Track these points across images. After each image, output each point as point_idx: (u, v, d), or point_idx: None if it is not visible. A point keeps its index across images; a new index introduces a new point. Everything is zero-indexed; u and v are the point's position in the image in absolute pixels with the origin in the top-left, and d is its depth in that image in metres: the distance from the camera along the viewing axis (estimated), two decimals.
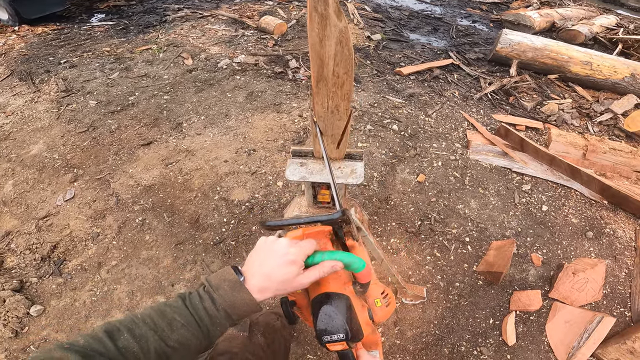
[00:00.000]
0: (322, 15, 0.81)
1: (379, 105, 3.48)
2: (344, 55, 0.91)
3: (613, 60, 4.08)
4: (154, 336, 0.59)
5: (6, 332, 1.80)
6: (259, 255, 0.70)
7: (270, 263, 0.67)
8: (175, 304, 0.63)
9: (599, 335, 1.79)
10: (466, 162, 2.89)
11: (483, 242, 2.30)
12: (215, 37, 4.67)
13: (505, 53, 4.25)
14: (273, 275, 0.66)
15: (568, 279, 1.98)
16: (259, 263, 0.68)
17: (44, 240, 2.24)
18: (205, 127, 3.13)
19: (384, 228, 2.40)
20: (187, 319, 0.62)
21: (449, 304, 1.99)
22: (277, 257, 0.67)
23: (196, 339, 0.62)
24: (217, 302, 0.63)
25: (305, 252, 0.68)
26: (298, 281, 0.67)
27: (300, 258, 0.67)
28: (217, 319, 0.63)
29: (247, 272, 0.68)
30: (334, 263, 0.68)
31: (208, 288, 0.65)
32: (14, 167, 2.72)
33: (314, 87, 1.00)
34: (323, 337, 0.66)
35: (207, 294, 0.64)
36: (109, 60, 4.10)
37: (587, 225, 2.45)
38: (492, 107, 3.64)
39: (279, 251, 0.68)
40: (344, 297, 0.70)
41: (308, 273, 0.68)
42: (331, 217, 0.66)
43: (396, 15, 5.75)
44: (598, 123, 3.56)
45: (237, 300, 0.64)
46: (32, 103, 3.40)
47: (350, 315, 0.68)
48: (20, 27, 5.00)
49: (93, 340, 0.55)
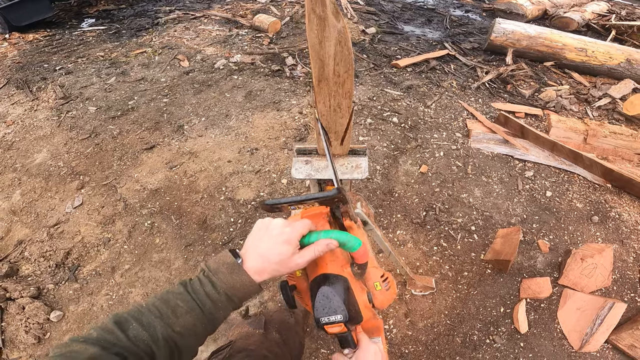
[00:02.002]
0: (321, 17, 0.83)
1: (378, 99, 3.49)
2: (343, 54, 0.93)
3: (607, 47, 4.09)
4: (160, 323, 0.60)
5: (29, 338, 1.83)
6: (256, 236, 0.70)
7: (265, 244, 0.67)
8: (178, 291, 0.64)
9: (612, 321, 1.81)
10: (468, 151, 2.91)
11: (489, 230, 2.33)
12: (210, 37, 4.65)
13: (500, 42, 4.26)
14: (269, 256, 0.66)
15: (577, 265, 2.01)
16: (255, 244, 0.69)
17: (56, 248, 2.26)
18: (206, 128, 3.14)
19: (389, 220, 2.42)
20: (190, 304, 0.63)
21: (459, 294, 2.02)
22: (271, 237, 0.67)
23: (201, 324, 0.63)
24: (218, 285, 0.64)
25: (299, 231, 0.68)
26: (294, 261, 0.66)
27: (294, 237, 0.67)
28: (219, 302, 0.64)
29: (245, 254, 0.68)
30: (329, 241, 0.68)
31: (207, 272, 0.66)
32: (20, 177, 2.73)
33: (316, 86, 1.02)
34: (321, 318, 0.66)
35: (207, 279, 0.65)
36: (104, 65, 4.09)
37: (592, 209, 2.48)
38: (491, 96, 3.65)
39: (273, 231, 0.68)
40: (341, 278, 0.70)
41: (303, 252, 0.68)
42: (327, 195, 0.66)
43: (389, 8, 5.74)
44: (597, 108, 3.59)
45: (236, 283, 0.65)
46: (32, 111, 3.39)
47: (349, 297, 0.68)
48: (11, 34, 4.98)
49: (105, 332, 0.57)
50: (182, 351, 0.62)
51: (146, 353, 0.57)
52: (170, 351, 0.60)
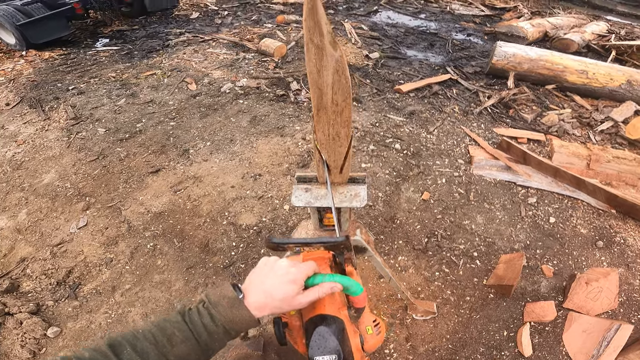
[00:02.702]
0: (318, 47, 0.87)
1: (381, 125, 3.55)
2: (341, 83, 0.96)
3: (608, 68, 4.14)
4: (154, 351, 0.61)
5: (24, 353, 1.84)
6: (260, 273, 0.72)
7: (271, 281, 0.69)
8: (175, 319, 0.65)
9: (619, 342, 1.79)
10: (470, 178, 2.92)
11: (492, 256, 2.30)
12: (217, 60, 4.81)
13: (501, 65, 4.34)
14: (273, 293, 0.68)
15: (581, 289, 1.99)
16: (260, 281, 0.71)
17: (59, 266, 2.28)
18: (211, 153, 3.20)
19: (391, 246, 2.42)
20: (186, 334, 0.64)
21: (461, 318, 1.99)
22: (278, 276, 0.69)
23: (195, 354, 0.64)
24: (216, 318, 0.66)
25: (305, 272, 0.71)
26: (297, 300, 0.69)
27: (300, 277, 0.70)
28: (216, 334, 0.66)
29: (247, 289, 0.70)
30: (333, 284, 0.71)
31: (207, 304, 0.68)
32: (27, 196, 2.79)
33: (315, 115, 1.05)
34: (315, 357, 0.68)
35: (206, 310, 0.67)
36: (115, 86, 4.22)
37: (597, 235, 2.45)
38: (493, 121, 3.69)
39: (280, 270, 0.70)
40: (338, 320, 0.72)
41: (307, 293, 0.70)
42: (335, 241, 0.69)
43: (393, 33, 5.90)
44: (599, 132, 3.60)
45: (235, 317, 0.66)
46: (43, 131, 3.49)
47: (343, 339, 0.70)
48: (28, 51, 5.17)
49: (98, 354, 0.57)
50: None
51: None
52: None
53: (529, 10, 7.09)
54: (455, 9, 7.08)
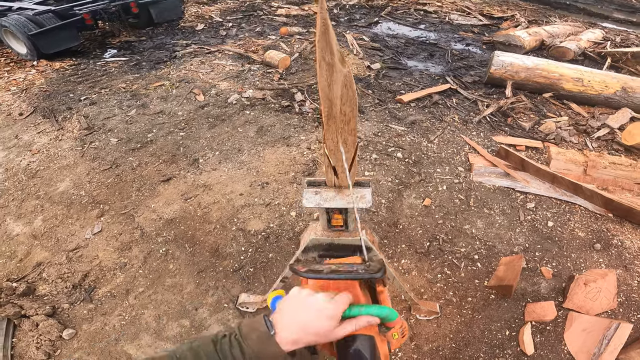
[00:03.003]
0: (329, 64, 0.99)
1: (383, 134, 3.66)
2: (349, 96, 1.08)
3: (603, 75, 4.25)
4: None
5: (39, 354, 1.92)
6: (293, 307, 0.73)
7: (306, 316, 0.70)
8: (208, 348, 0.68)
9: (619, 340, 1.86)
10: (470, 185, 3.01)
11: (492, 258, 2.39)
12: (224, 72, 4.96)
13: (499, 75, 4.47)
14: (309, 328, 0.69)
15: (580, 290, 2.07)
16: (293, 315, 0.71)
17: (74, 270, 2.38)
18: (220, 162, 3.31)
19: (394, 250, 2.50)
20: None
21: (464, 318, 2.07)
22: (313, 311, 0.70)
23: None
24: (246, 352, 0.67)
25: (342, 307, 0.71)
26: (334, 334, 0.70)
27: (338, 313, 0.70)
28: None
29: (279, 323, 0.70)
30: (371, 319, 0.72)
31: (238, 336, 0.69)
32: (43, 204, 2.90)
33: (325, 124, 1.17)
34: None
35: (237, 342, 0.68)
36: (125, 96, 4.37)
37: (595, 238, 2.54)
38: (492, 129, 3.80)
39: (316, 305, 0.70)
40: (370, 338, 0.75)
41: (344, 326, 0.71)
42: (373, 276, 0.70)
43: (393, 44, 6.06)
44: (596, 139, 3.70)
45: (264, 352, 0.68)
46: (57, 141, 3.62)
47: (375, 355, 0.75)
48: (39, 61, 5.32)
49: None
50: None
51: None
52: None
53: (526, 19, 7.26)
54: (454, 19, 7.27)
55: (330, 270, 0.72)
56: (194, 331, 2.05)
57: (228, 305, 2.17)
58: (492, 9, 7.86)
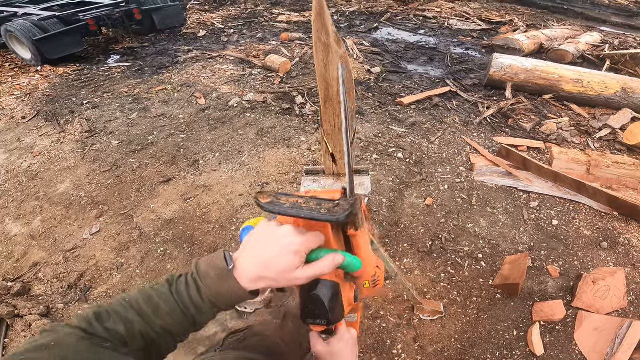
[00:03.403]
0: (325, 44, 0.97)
1: (383, 135, 3.65)
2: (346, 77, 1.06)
3: (602, 76, 4.25)
4: (140, 321, 0.59)
5: None
6: (259, 240, 0.64)
7: (270, 251, 0.61)
8: (162, 290, 0.62)
9: (632, 339, 1.80)
10: (472, 184, 2.98)
11: (496, 257, 2.35)
12: (225, 76, 4.98)
13: (499, 77, 4.47)
14: (271, 265, 0.60)
15: (589, 288, 2.02)
16: (258, 250, 0.63)
17: (71, 270, 2.35)
18: (220, 163, 3.30)
19: (396, 249, 2.46)
20: (172, 306, 0.60)
21: (469, 318, 2.02)
22: (278, 246, 0.61)
23: (181, 326, 0.61)
24: (203, 291, 0.60)
25: (311, 245, 0.62)
26: (295, 275, 0.61)
27: (304, 250, 0.61)
28: (203, 308, 0.61)
29: (241, 259, 0.63)
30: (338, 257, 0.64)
31: (195, 275, 0.62)
32: (42, 205, 2.88)
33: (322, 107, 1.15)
34: (307, 319, 0.69)
35: (193, 281, 0.61)
36: (127, 100, 4.38)
37: (601, 236, 2.50)
38: (493, 131, 3.78)
39: (283, 239, 0.61)
40: (333, 284, 0.68)
41: (307, 268, 0.62)
42: (336, 220, 0.59)
43: (393, 48, 6.10)
44: (598, 139, 3.68)
45: (223, 290, 0.61)
46: (58, 144, 3.62)
47: (336, 304, 0.68)
48: (43, 67, 5.35)
49: (84, 321, 0.57)
50: (159, 346, 0.62)
51: (121, 342, 0.59)
52: (147, 345, 0.60)
53: (524, 23, 7.31)
54: (453, 24, 7.32)
55: (292, 205, 0.62)
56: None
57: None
58: (491, 14, 7.93)
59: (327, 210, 0.59)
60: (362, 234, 0.69)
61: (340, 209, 0.59)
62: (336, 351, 0.76)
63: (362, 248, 0.71)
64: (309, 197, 0.64)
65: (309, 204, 0.61)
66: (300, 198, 0.63)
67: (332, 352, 0.76)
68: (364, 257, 0.71)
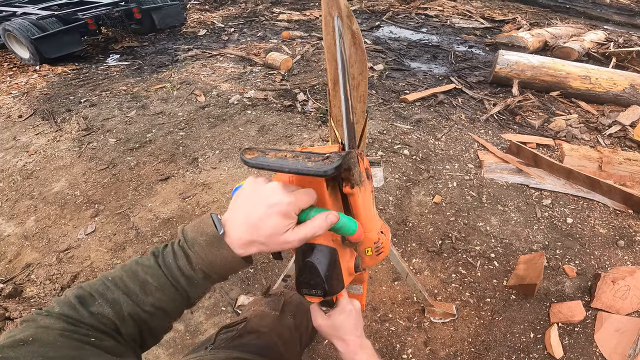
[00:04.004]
0: None
1: (388, 132, 3.55)
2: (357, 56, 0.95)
3: (610, 73, 4.17)
4: (127, 301, 0.52)
5: None
6: (246, 201, 0.57)
7: (257, 212, 0.54)
8: (148, 263, 0.55)
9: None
10: (481, 181, 2.88)
11: (510, 257, 2.24)
12: (225, 74, 4.90)
13: (505, 74, 4.38)
14: (259, 227, 0.54)
15: (608, 288, 1.92)
16: (246, 212, 0.55)
17: (64, 271, 2.25)
18: (220, 161, 3.20)
19: (404, 249, 2.36)
20: (161, 280, 0.54)
21: (483, 321, 1.91)
22: (267, 206, 0.54)
23: (173, 302, 0.55)
24: (193, 260, 0.54)
25: (300, 204, 0.55)
26: (285, 238, 0.54)
27: (293, 209, 0.54)
28: (195, 279, 0.55)
29: (229, 222, 0.56)
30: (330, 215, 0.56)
31: (183, 243, 0.55)
32: (36, 204, 2.78)
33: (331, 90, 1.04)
34: (302, 289, 0.63)
35: (181, 250, 0.55)
36: (126, 98, 4.29)
37: (617, 234, 2.39)
38: (500, 128, 3.69)
39: (270, 198, 0.54)
40: (329, 250, 0.62)
41: (298, 230, 0.55)
42: (323, 172, 0.51)
43: (396, 46, 6.01)
44: (608, 136, 3.58)
45: (215, 258, 0.54)
46: (55, 142, 3.53)
47: (333, 272, 0.62)
48: (42, 66, 5.27)
49: (67, 307, 0.50)
50: (152, 327, 0.56)
51: (110, 328, 0.52)
52: (139, 328, 0.54)
53: (527, 21, 7.23)
54: (456, 22, 7.24)
55: (277, 159, 0.54)
56: (189, 336, 1.90)
57: (226, 309, 2.02)
58: (493, 12, 7.85)
59: (314, 163, 0.52)
60: (360, 192, 0.60)
61: (329, 162, 0.51)
62: (338, 324, 0.70)
63: (360, 209, 0.62)
64: (299, 151, 0.56)
65: (297, 158, 0.54)
66: (289, 152, 0.55)
67: (334, 326, 0.70)
68: (364, 220, 0.63)
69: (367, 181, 0.64)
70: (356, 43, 0.94)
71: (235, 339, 0.95)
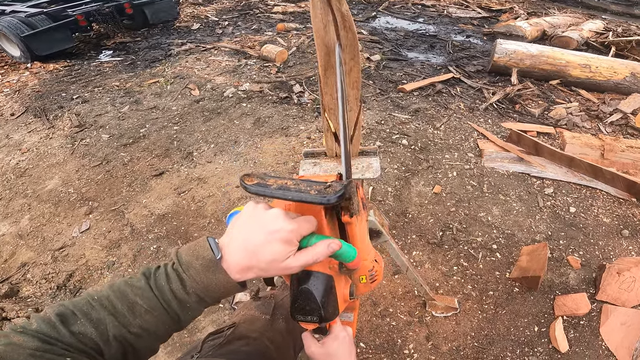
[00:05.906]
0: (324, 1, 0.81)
1: (386, 122, 3.49)
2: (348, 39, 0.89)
3: (610, 61, 4.11)
4: (113, 322, 0.51)
5: None
6: (246, 226, 0.56)
7: (257, 238, 0.54)
8: (138, 285, 0.53)
9: None
10: (482, 170, 2.84)
11: (512, 248, 2.20)
12: (220, 67, 4.81)
13: (503, 62, 4.31)
14: (259, 254, 0.54)
15: (613, 280, 1.88)
16: (244, 237, 0.55)
17: (59, 270, 2.21)
18: (215, 154, 3.14)
19: (404, 241, 2.32)
20: (151, 302, 0.52)
21: (485, 314, 1.88)
22: (267, 233, 0.54)
23: (163, 325, 0.54)
24: (187, 284, 0.53)
25: (302, 231, 0.55)
26: (287, 264, 0.54)
27: (295, 237, 0.54)
28: (188, 303, 0.54)
29: (228, 246, 0.56)
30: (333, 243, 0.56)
31: (177, 265, 0.54)
32: (30, 203, 2.72)
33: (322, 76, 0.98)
34: (297, 315, 0.63)
35: (175, 273, 0.54)
36: (119, 94, 4.22)
37: (621, 224, 2.35)
38: (500, 116, 3.63)
39: (271, 225, 0.54)
40: (326, 277, 0.62)
41: (300, 256, 0.55)
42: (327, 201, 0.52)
43: (392, 37, 5.92)
44: (609, 123, 3.53)
45: (211, 283, 0.53)
46: (47, 139, 3.46)
47: (329, 299, 0.62)
48: (33, 64, 5.18)
49: (45, 324, 0.48)
50: (138, 350, 0.53)
51: (91, 348, 0.49)
52: (123, 350, 0.52)
53: (525, 11, 7.13)
54: (453, 12, 7.13)
55: (279, 187, 0.54)
56: (186, 333, 1.86)
57: (223, 305, 1.98)
58: (490, 1, 7.73)
59: (317, 192, 0.53)
60: (358, 222, 0.62)
61: (332, 190, 0.53)
62: (332, 351, 0.68)
63: (357, 238, 0.64)
64: (299, 180, 0.58)
65: (298, 186, 0.55)
66: (289, 180, 0.57)
67: (328, 353, 0.68)
68: (360, 248, 0.64)
69: (363, 211, 0.66)
70: (346, 26, 0.87)
71: (223, 345, 0.90)
